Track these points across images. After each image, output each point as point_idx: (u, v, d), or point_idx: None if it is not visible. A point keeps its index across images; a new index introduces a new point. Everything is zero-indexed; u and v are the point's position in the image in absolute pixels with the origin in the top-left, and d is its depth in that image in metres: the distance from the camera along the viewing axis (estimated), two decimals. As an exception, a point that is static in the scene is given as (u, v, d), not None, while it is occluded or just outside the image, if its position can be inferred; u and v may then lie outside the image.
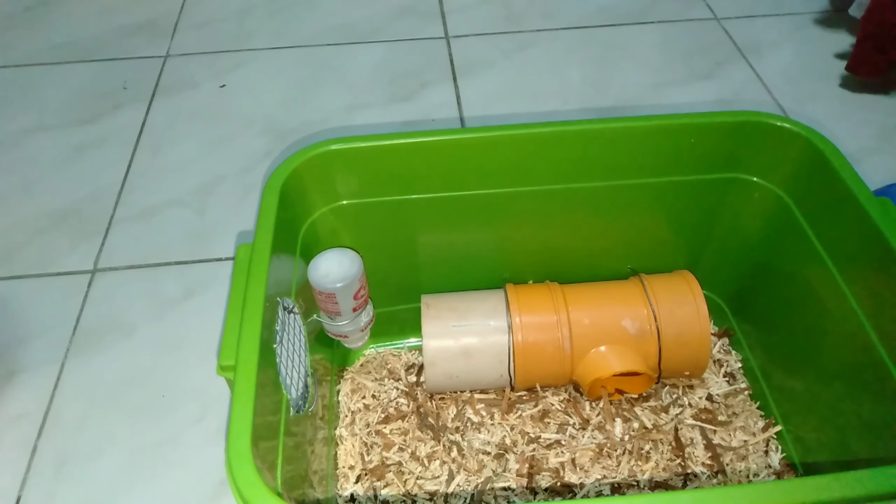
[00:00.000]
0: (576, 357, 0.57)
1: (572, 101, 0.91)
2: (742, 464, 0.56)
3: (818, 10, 1.05)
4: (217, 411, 0.62)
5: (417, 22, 1.05)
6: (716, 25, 1.03)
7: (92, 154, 0.86)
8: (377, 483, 0.56)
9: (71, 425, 0.61)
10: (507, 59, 0.98)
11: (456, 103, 0.91)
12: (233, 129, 0.89)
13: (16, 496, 0.57)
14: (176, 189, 0.81)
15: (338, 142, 0.52)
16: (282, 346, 0.45)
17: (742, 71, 0.95)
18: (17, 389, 0.64)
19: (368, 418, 0.60)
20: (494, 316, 0.58)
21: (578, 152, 0.55)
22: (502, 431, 0.58)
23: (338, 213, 0.56)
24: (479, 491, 0.55)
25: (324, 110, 0.91)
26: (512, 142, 0.54)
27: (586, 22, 1.04)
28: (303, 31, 1.04)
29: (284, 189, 0.49)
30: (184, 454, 0.59)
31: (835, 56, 0.97)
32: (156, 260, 0.74)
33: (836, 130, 0.86)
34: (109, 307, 0.70)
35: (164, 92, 0.94)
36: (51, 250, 0.75)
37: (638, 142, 0.55)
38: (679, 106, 0.89)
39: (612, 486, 0.55)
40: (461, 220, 0.58)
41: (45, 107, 0.92)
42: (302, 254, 0.53)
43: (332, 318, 0.56)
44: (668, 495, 0.36)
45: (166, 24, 1.05)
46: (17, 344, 0.67)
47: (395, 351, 0.65)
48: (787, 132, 0.53)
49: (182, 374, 0.64)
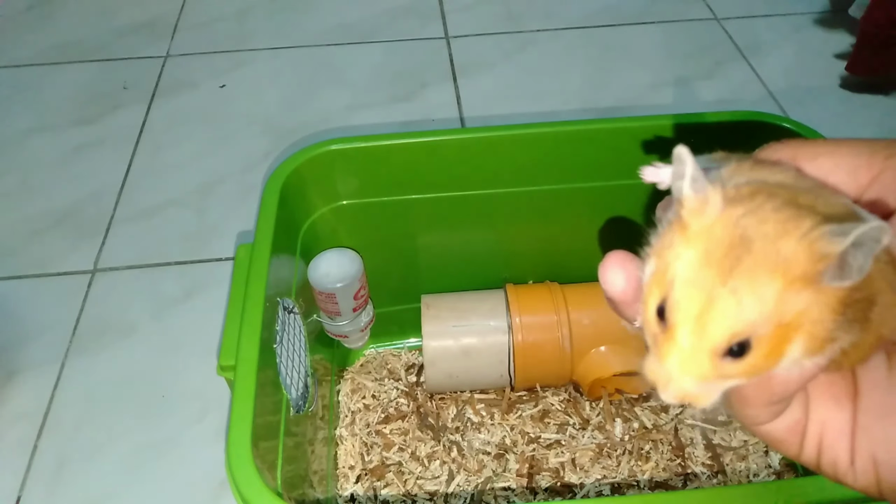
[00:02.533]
0: (576, 357, 0.57)
1: (572, 101, 0.91)
2: (742, 464, 0.56)
3: (818, 10, 1.05)
4: (217, 411, 0.62)
5: (417, 22, 1.05)
6: (716, 25, 1.03)
7: (92, 154, 0.86)
8: (377, 483, 0.56)
9: (71, 425, 0.61)
10: (507, 59, 0.98)
11: (456, 103, 0.91)
12: (233, 129, 0.89)
13: (16, 496, 0.57)
14: (176, 189, 0.81)
15: (338, 142, 0.52)
16: (282, 346, 0.45)
17: (742, 71, 0.95)
18: (17, 389, 0.64)
19: (368, 418, 0.60)
20: (494, 316, 0.58)
21: (578, 152, 0.55)
22: (502, 431, 0.58)
23: (338, 213, 0.56)
24: (479, 491, 0.55)
25: (324, 110, 0.91)
26: (512, 142, 0.54)
27: (586, 22, 1.04)
28: (303, 31, 1.04)
29: (284, 189, 0.49)
30: (184, 454, 0.59)
31: (835, 56, 0.97)
32: (156, 260, 0.74)
33: (836, 130, 0.86)
34: (109, 307, 0.70)
35: (164, 92, 0.94)
36: (51, 250, 0.75)
37: (638, 142, 0.55)
38: (679, 106, 0.89)
39: (612, 486, 0.55)
40: (461, 220, 0.58)
41: (45, 107, 0.92)
42: (302, 254, 0.53)
43: (332, 318, 0.56)
44: (668, 495, 0.36)
45: (166, 24, 1.05)
46: (17, 344, 0.67)
47: (395, 351, 0.65)
48: (787, 132, 0.53)
49: (182, 374, 0.64)
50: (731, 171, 0.18)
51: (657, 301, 0.17)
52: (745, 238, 0.16)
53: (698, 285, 0.16)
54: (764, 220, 0.16)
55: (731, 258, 0.16)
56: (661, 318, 0.17)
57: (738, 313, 0.16)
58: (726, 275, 0.16)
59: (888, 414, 0.18)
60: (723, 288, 0.16)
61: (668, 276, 0.17)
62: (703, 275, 0.16)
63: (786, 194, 0.17)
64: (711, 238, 0.16)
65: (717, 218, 0.17)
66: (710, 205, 0.17)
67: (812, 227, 0.16)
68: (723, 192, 0.17)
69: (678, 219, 0.17)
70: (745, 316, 0.16)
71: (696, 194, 0.17)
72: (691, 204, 0.17)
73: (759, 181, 0.17)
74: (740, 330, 0.16)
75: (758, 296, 0.16)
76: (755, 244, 0.16)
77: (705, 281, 0.16)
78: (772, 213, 0.16)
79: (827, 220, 0.16)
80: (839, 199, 0.17)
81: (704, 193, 0.17)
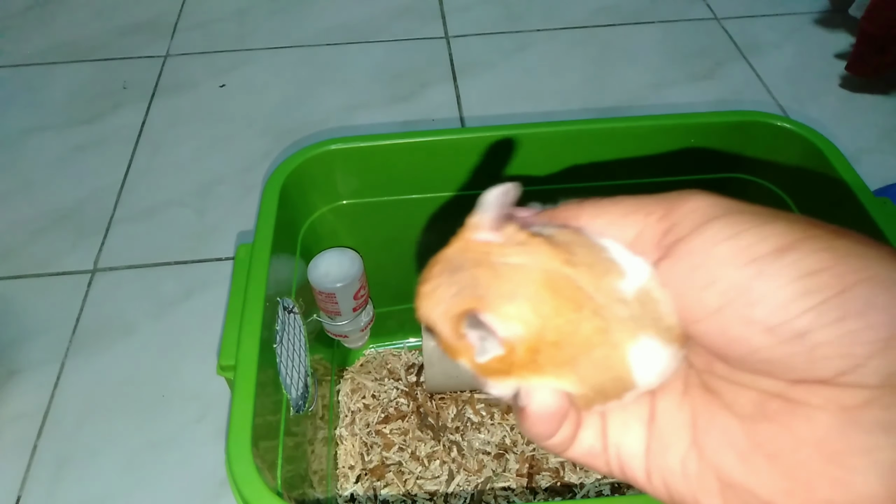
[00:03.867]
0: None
1: (572, 101, 0.91)
2: (742, 464, 0.56)
3: (818, 10, 1.05)
4: (217, 411, 0.62)
5: (417, 22, 1.05)
6: (716, 25, 1.03)
7: (92, 154, 0.86)
8: (377, 483, 0.56)
9: (71, 425, 0.61)
10: (507, 59, 0.98)
11: (456, 103, 0.91)
12: (233, 129, 0.89)
13: (16, 496, 0.57)
14: (176, 189, 0.81)
15: (338, 142, 0.52)
16: (282, 346, 0.45)
17: (742, 71, 0.95)
18: (17, 389, 0.64)
19: (368, 418, 0.60)
20: (494, 316, 0.58)
21: (578, 152, 0.55)
22: (502, 431, 0.58)
23: (338, 213, 0.56)
24: (479, 491, 0.55)
25: (324, 110, 0.91)
26: (512, 142, 0.54)
27: (586, 22, 1.04)
28: (303, 31, 1.04)
29: (284, 189, 0.49)
30: (184, 454, 0.59)
31: (835, 56, 0.97)
32: (156, 260, 0.74)
33: (836, 130, 0.86)
34: (109, 307, 0.70)
35: (164, 92, 0.94)
36: (51, 250, 0.75)
37: (638, 142, 0.55)
38: (679, 106, 0.89)
39: (612, 486, 0.55)
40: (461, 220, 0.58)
41: (45, 107, 0.92)
42: (302, 254, 0.53)
43: (332, 318, 0.56)
44: (668, 495, 0.36)
45: (166, 24, 1.05)
46: (17, 344, 0.67)
47: (395, 351, 0.65)
48: (787, 132, 0.53)
49: (182, 374, 0.64)
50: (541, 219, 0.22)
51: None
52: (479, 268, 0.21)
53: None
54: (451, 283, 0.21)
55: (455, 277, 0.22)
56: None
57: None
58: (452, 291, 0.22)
59: (671, 445, 0.20)
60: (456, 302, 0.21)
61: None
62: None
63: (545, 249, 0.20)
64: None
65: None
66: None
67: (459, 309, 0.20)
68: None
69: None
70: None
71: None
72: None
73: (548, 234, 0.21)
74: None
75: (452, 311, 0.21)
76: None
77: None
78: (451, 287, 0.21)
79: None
80: (601, 252, 0.20)
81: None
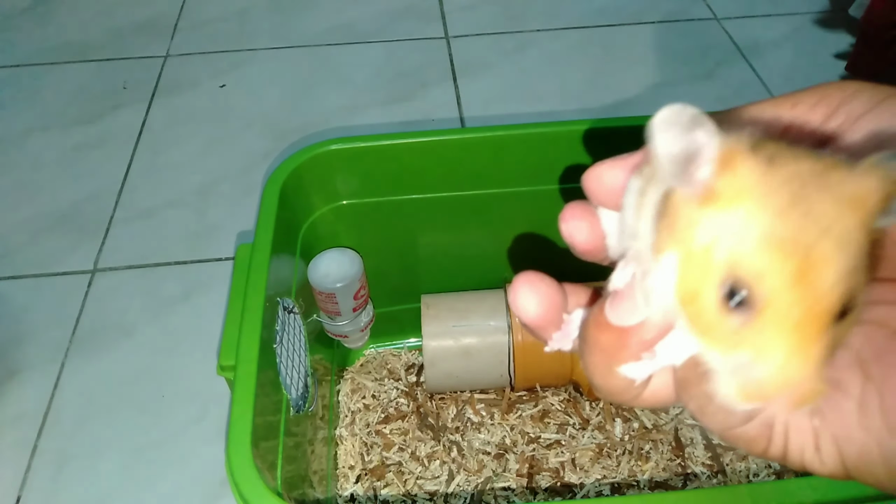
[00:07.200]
0: (576, 357, 0.57)
1: (572, 101, 0.91)
2: (742, 464, 0.56)
3: (818, 10, 1.05)
4: (217, 411, 0.62)
5: (417, 22, 1.05)
6: (716, 25, 1.03)
7: (92, 154, 0.86)
8: (377, 483, 0.56)
9: (71, 425, 0.61)
10: (507, 59, 0.98)
11: (456, 103, 0.91)
12: (233, 129, 0.89)
13: (16, 496, 0.57)
14: (176, 189, 0.81)
15: (338, 142, 0.52)
16: (282, 346, 0.45)
17: (742, 71, 0.95)
18: (17, 389, 0.64)
19: (368, 418, 0.60)
20: (494, 316, 0.58)
21: (579, 152, 0.55)
22: (502, 431, 0.58)
23: (338, 213, 0.56)
24: (479, 491, 0.55)
25: (324, 110, 0.91)
26: (512, 142, 0.54)
27: (586, 22, 1.04)
28: (303, 31, 1.04)
29: (284, 189, 0.49)
30: (184, 454, 0.59)
31: (835, 56, 0.97)
32: (155, 260, 0.74)
33: (835, 130, 0.86)
34: (109, 307, 0.70)
35: (164, 92, 0.94)
36: (51, 250, 0.75)
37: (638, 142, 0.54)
38: (679, 106, 0.89)
39: (612, 486, 0.55)
40: (461, 220, 0.58)
41: (45, 107, 0.92)
42: (302, 254, 0.53)
43: (332, 318, 0.56)
44: (668, 495, 0.36)
45: (166, 24, 1.05)
46: (17, 344, 0.67)
47: (395, 351, 0.65)
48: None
49: (182, 374, 0.64)
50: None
51: (715, 294, 0.14)
52: (800, 179, 0.13)
53: (781, 246, 0.13)
54: (797, 158, 0.14)
55: (800, 206, 0.13)
56: (726, 312, 0.14)
57: (847, 261, 0.13)
58: (808, 223, 0.13)
59: (842, 387, 0.17)
60: (816, 237, 0.13)
61: (718, 255, 0.14)
62: (780, 232, 0.13)
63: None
64: (759, 192, 0.13)
65: (749, 171, 0.14)
66: (739, 159, 0.14)
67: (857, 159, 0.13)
68: (745, 142, 0.14)
69: (696, 189, 0.14)
70: (851, 262, 0.13)
71: (720, 150, 0.14)
72: (713, 165, 0.14)
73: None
74: (852, 282, 0.13)
75: (853, 237, 0.13)
76: (815, 182, 0.13)
77: (786, 238, 0.13)
78: (797, 153, 0.14)
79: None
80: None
81: (728, 147, 0.14)
